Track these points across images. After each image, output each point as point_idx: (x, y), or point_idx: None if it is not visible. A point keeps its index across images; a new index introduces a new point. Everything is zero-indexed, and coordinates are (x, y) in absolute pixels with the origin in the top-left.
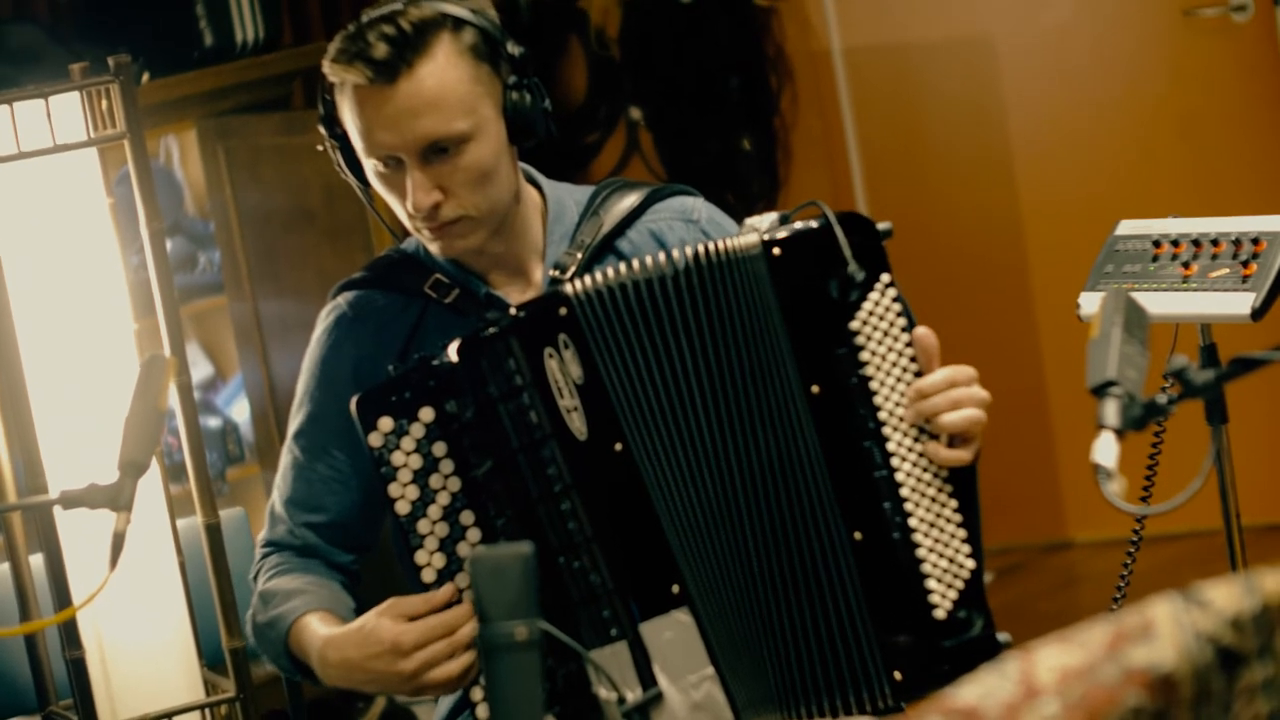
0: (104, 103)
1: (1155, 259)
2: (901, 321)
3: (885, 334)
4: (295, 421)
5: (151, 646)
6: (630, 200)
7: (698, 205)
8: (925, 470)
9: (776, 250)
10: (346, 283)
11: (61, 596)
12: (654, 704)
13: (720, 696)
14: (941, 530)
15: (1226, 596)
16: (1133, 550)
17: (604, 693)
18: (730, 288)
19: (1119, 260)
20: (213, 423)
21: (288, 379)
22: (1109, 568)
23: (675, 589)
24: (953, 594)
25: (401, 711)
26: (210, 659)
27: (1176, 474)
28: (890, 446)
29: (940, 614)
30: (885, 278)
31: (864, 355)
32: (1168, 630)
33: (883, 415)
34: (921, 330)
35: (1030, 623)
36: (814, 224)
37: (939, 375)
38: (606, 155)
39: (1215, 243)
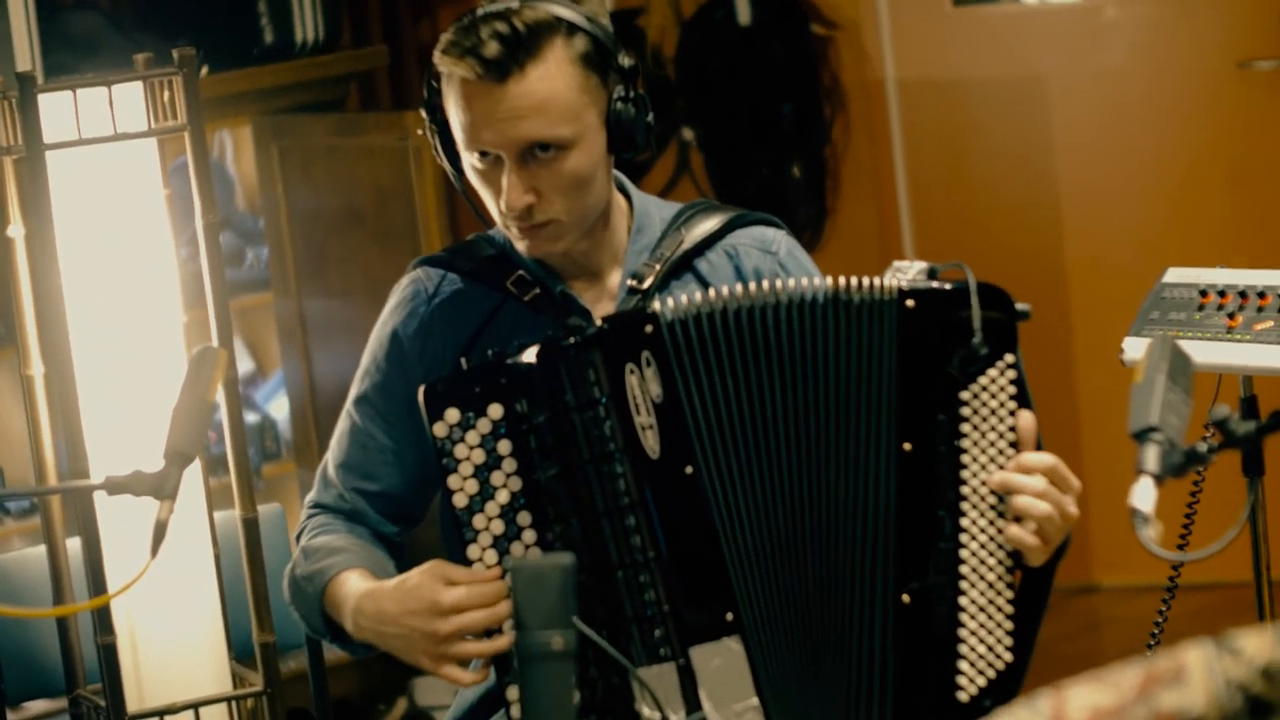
0: (165, 94)
1: (1201, 308)
2: (1011, 405)
3: (992, 412)
4: (359, 387)
5: (182, 636)
6: (712, 223)
7: (778, 237)
8: (990, 555)
9: (910, 302)
10: (429, 259)
11: (97, 582)
12: None
13: None
14: (990, 616)
15: (1259, 646)
16: (1167, 597)
17: (647, 711)
18: (849, 326)
19: (1165, 307)
20: (251, 418)
21: (328, 379)
22: (1134, 613)
23: (729, 616)
24: (982, 680)
25: (422, 714)
26: (239, 653)
27: (1207, 523)
28: (963, 522)
29: (964, 696)
30: (1010, 357)
31: (964, 427)
32: (1199, 676)
33: (965, 490)
34: (1027, 415)
35: (1053, 665)
36: (952, 286)
37: (1044, 460)
38: (656, 174)
39: (1262, 295)
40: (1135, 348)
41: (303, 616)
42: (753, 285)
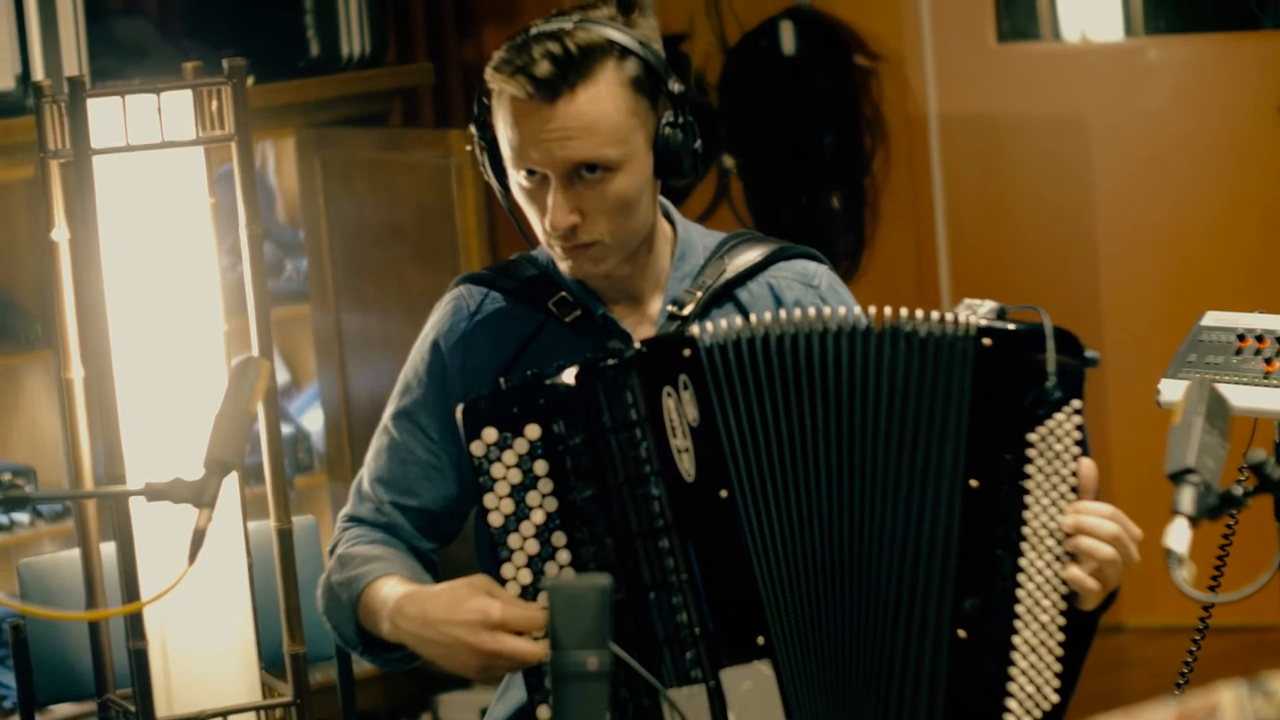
0: (214, 103)
1: (1239, 352)
2: (1076, 450)
3: (1057, 455)
4: (398, 403)
5: (213, 645)
6: (755, 254)
7: (820, 272)
8: (1045, 597)
9: (987, 340)
10: (472, 276)
11: (130, 587)
12: None
13: None
14: (1040, 657)
15: None
16: (1198, 638)
17: None
18: (916, 359)
19: (1202, 350)
20: (284, 430)
21: (364, 392)
22: (1159, 654)
23: (760, 640)
24: (1028, 719)
25: None
26: (269, 663)
27: (1237, 566)
28: (1022, 562)
29: None
30: (1076, 403)
31: (1029, 469)
32: (1231, 715)
33: (1025, 530)
34: (1088, 462)
35: (1078, 703)
36: (1028, 328)
37: (1106, 508)
38: (695, 200)
39: None
40: (1172, 390)
41: (335, 626)
42: (797, 312)
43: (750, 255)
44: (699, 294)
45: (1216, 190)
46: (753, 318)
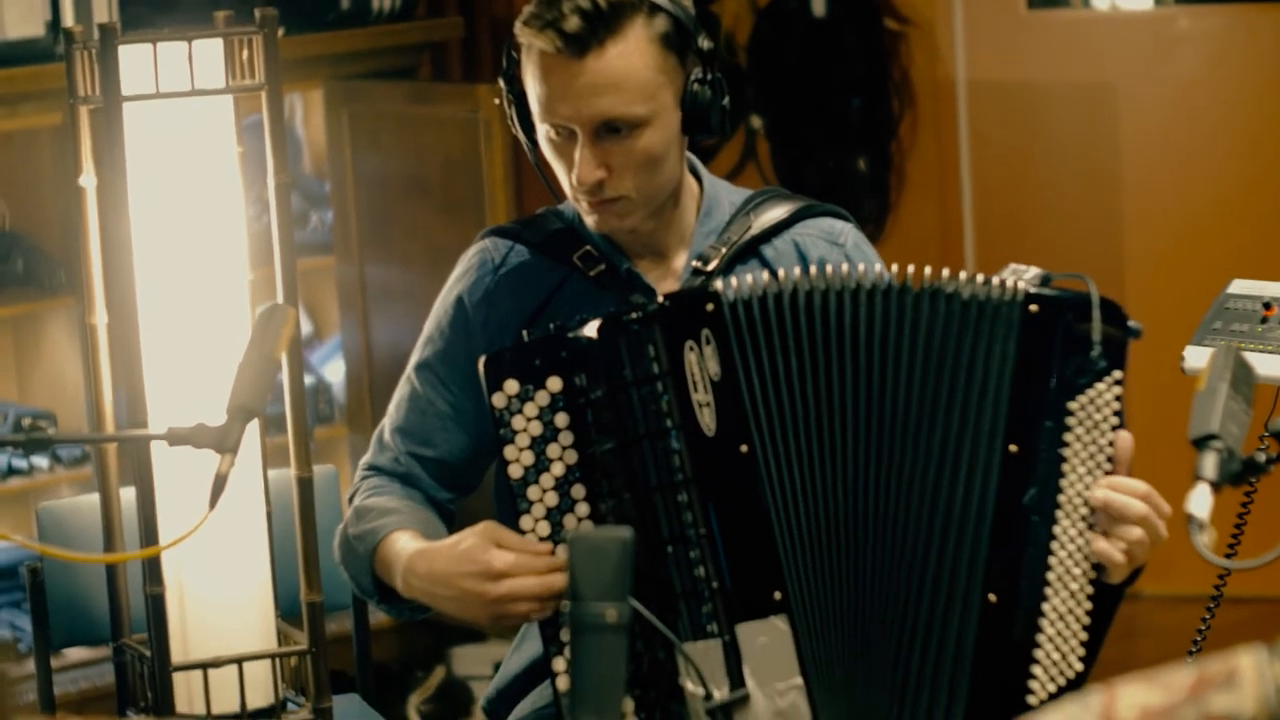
0: (244, 53)
1: (1264, 320)
2: (1114, 420)
3: (1095, 425)
4: (421, 353)
5: (230, 592)
6: (781, 211)
7: (846, 230)
8: (1076, 565)
9: (1034, 306)
10: (498, 229)
11: (149, 532)
12: (739, 705)
13: (805, 708)
14: (1067, 625)
15: None
16: (1212, 606)
17: (690, 686)
18: (957, 320)
19: (1228, 318)
20: (306, 380)
21: (386, 345)
22: (1172, 622)
23: (777, 596)
24: (1052, 687)
25: (458, 684)
26: (285, 611)
27: (1254, 534)
28: (1055, 530)
29: (1033, 700)
30: (1118, 374)
31: (1068, 436)
32: (1250, 680)
33: (1061, 498)
34: (1125, 434)
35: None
36: (1075, 296)
37: (1140, 485)
38: (722, 159)
39: None
40: (1197, 357)
41: (352, 576)
42: (829, 268)
43: (776, 212)
44: (724, 250)
45: (1244, 161)
46: (780, 273)
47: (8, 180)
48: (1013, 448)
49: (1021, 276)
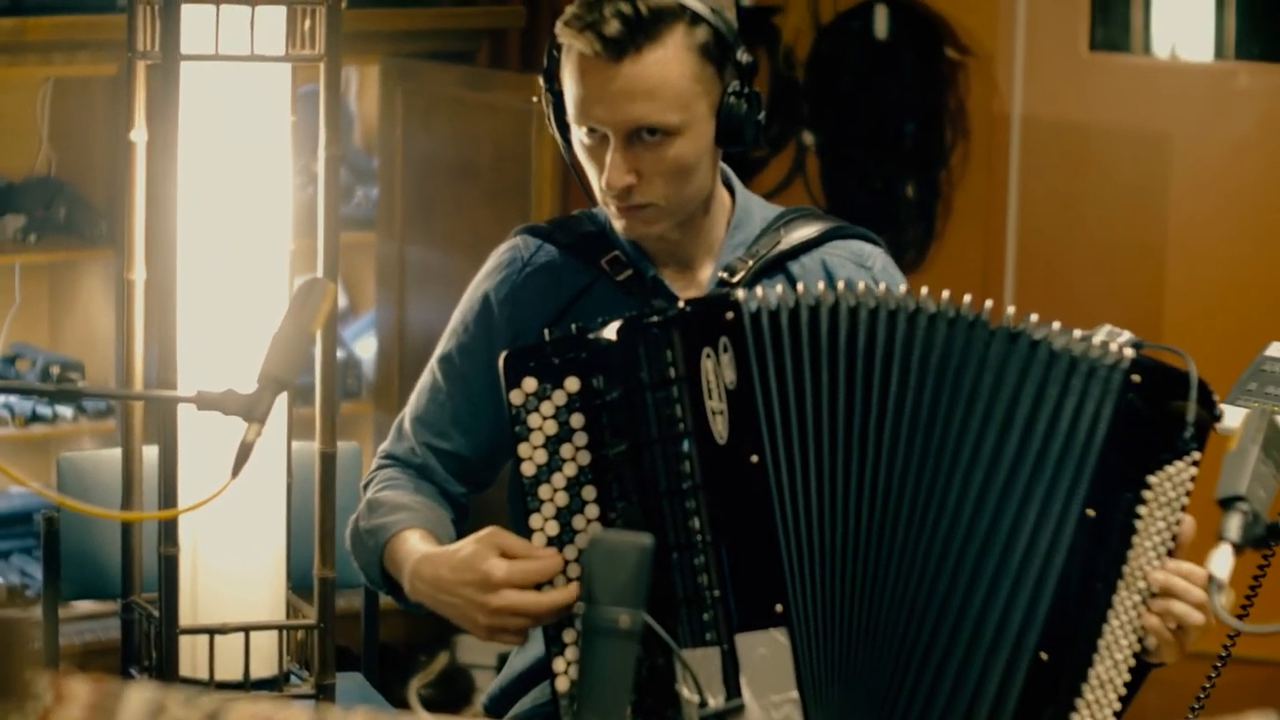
0: (306, 23)
1: None
2: (1184, 500)
3: (1169, 503)
4: (444, 346)
5: (243, 560)
6: (812, 229)
7: (875, 254)
8: (1124, 636)
9: (1137, 377)
10: (531, 228)
11: (169, 493)
12: (734, 714)
13: None
14: (1105, 693)
15: None
16: (1219, 665)
17: (686, 693)
18: (1039, 371)
19: (1263, 379)
20: (337, 354)
21: (419, 326)
22: (1178, 678)
23: (779, 608)
24: None
25: (460, 671)
26: (296, 584)
27: (1266, 598)
28: (1114, 599)
29: None
30: (1197, 455)
31: (1141, 509)
32: None
33: (1125, 569)
34: (1189, 518)
35: None
36: (1176, 373)
37: (1201, 572)
38: (771, 173)
39: None
40: (1230, 416)
41: (362, 568)
42: (861, 284)
43: (806, 230)
44: (750, 262)
45: None
46: (800, 286)
47: (58, 127)
48: (1090, 512)
49: (1117, 339)
